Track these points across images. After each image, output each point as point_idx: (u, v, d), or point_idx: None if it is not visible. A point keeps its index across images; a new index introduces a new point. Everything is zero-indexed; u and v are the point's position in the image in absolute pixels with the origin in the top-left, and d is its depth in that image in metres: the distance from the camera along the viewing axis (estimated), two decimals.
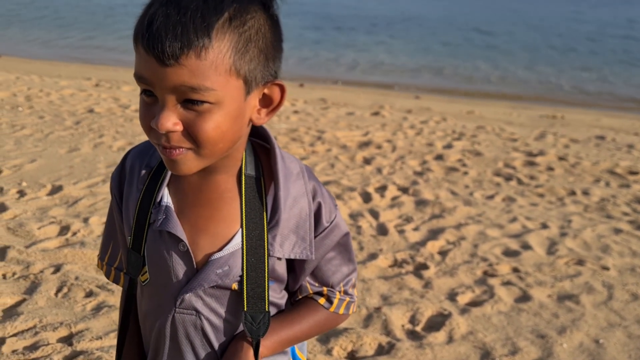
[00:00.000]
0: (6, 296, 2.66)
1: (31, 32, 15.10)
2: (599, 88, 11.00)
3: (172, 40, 0.76)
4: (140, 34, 0.80)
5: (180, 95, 0.80)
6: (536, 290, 3.02)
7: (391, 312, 2.70)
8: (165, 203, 0.94)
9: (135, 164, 1.00)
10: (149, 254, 0.96)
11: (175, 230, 0.92)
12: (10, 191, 3.97)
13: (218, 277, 0.92)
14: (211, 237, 0.94)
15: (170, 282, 0.95)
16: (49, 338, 2.38)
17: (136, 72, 0.83)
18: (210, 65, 0.79)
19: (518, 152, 5.75)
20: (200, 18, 0.77)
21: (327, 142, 5.70)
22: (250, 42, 0.82)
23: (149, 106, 0.84)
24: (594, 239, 3.70)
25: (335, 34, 17.04)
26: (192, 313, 0.95)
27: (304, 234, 0.95)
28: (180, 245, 0.93)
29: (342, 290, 1.05)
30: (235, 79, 0.82)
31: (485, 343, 2.54)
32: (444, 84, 10.92)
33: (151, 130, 0.84)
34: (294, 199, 0.94)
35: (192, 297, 0.94)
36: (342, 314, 1.06)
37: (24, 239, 3.26)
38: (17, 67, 9.62)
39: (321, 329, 1.05)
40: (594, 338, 2.63)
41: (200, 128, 0.81)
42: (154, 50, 0.77)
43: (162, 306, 0.97)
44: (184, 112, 0.81)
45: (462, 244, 3.52)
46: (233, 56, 0.80)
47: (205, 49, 0.78)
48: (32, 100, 6.91)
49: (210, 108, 0.81)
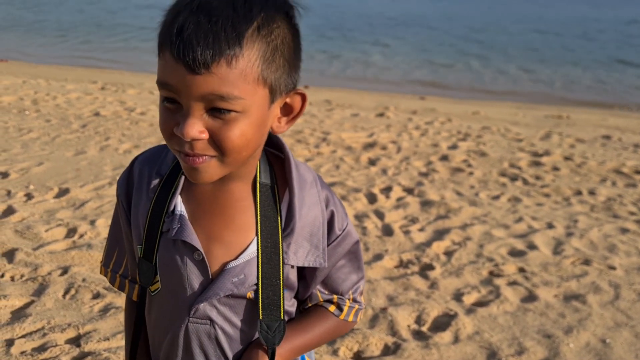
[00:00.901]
0: (14, 298, 2.68)
1: (35, 35, 15.20)
2: (601, 88, 10.96)
3: (203, 48, 0.76)
4: (168, 41, 0.79)
5: (207, 104, 0.80)
6: (542, 290, 3.02)
7: (397, 312, 2.71)
8: (179, 212, 0.93)
9: (144, 170, 0.98)
10: (161, 263, 0.95)
11: (190, 239, 0.91)
12: (18, 194, 3.99)
13: (234, 285, 0.92)
14: (226, 245, 0.93)
15: (184, 292, 0.94)
16: (57, 339, 2.39)
17: (160, 79, 0.81)
18: (240, 74, 0.79)
19: (523, 152, 5.74)
20: (231, 27, 0.77)
21: (332, 144, 5.71)
22: (277, 51, 0.82)
23: (172, 113, 0.83)
24: (600, 239, 3.69)
25: (337, 35, 17.05)
26: (206, 322, 0.94)
27: (317, 242, 0.95)
28: (195, 254, 0.92)
29: (352, 298, 1.05)
30: (262, 88, 0.82)
31: (491, 343, 2.54)
32: (449, 85, 10.90)
33: (173, 137, 0.83)
34: (308, 207, 0.95)
35: (207, 307, 0.93)
36: (350, 321, 1.06)
37: (31, 242, 3.28)
38: (23, 71, 9.69)
39: (331, 337, 1.05)
40: (600, 338, 2.62)
41: (226, 137, 0.81)
42: (185, 57, 0.77)
43: (174, 316, 0.96)
44: (210, 120, 0.81)
45: (467, 244, 3.52)
46: (261, 65, 0.80)
47: (235, 58, 0.78)
48: (39, 103, 6.96)
49: (237, 117, 0.81)
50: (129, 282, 1.05)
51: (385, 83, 10.92)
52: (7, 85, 7.96)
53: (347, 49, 14.57)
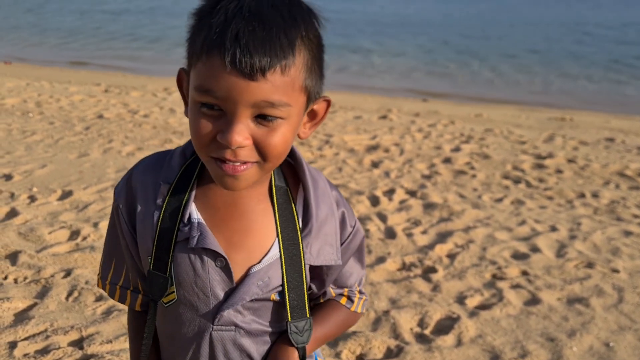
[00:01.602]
0: (17, 300, 2.68)
1: (38, 37, 15.25)
2: (605, 89, 10.95)
3: (262, 55, 0.76)
4: (220, 48, 0.77)
5: (256, 110, 0.80)
6: (545, 293, 3.01)
7: (400, 315, 2.70)
8: (196, 219, 0.92)
9: (147, 179, 0.95)
10: (179, 274, 0.92)
11: (214, 246, 0.90)
12: (21, 196, 4.01)
13: (259, 289, 0.93)
14: (247, 250, 0.93)
15: (206, 300, 0.93)
16: (60, 342, 2.40)
17: (205, 85, 0.79)
18: (290, 82, 0.80)
19: (527, 154, 5.74)
20: (284, 35, 0.78)
21: (334, 146, 5.71)
22: (315, 59, 0.84)
23: (211, 119, 0.81)
24: (603, 242, 3.68)
25: (339, 37, 17.07)
26: (231, 329, 0.94)
27: (332, 241, 0.97)
28: (218, 261, 0.91)
29: (358, 290, 1.09)
30: (303, 95, 0.84)
31: (494, 346, 2.53)
32: (451, 87, 10.90)
33: (211, 144, 0.82)
34: (322, 208, 0.96)
35: (232, 313, 0.93)
36: (360, 312, 1.09)
37: (34, 244, 3.29)
38: (27, 73, 9.72)
39: (344, 328, 1.09)
40: (604, 341, 2.61)
41: (271, 143, 0.82)
42: (242, 64, 0.76)
43: (195, 326, 0.94)
44: (254, 127, 0.81)
45: (470, 247, 3.51)
46: (305, 72, 0.82)
47: (289, 66, 0.79)
48: (42, 106, 6.98)
49: (281, 124, 0.82)
50: (130, 292, 1.02)
51: (388, 85, 10.92)
52: (11, 87, 7.98)
53: (350, 52, 14.58)
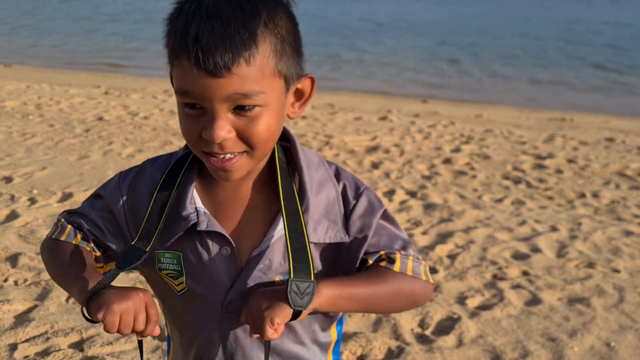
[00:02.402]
0: (18, 302, 2.68)
1: (38, 39, 15.27)
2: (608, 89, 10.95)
3: (222, 52, 0.79)
4: (185, 50, 0.81)
5: (231, 104, 0.83)
6: (546, 293, 3.00)
7: (400, 316, 2.70)
8: (201, 208, 0.95)
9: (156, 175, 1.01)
10: (187, 264, 0.95)
11: (222, 230, 0.94)
12: (21, 199, 4.01)
13: (261, 272, 0.94)
14: (250, 236, 0.96)
15: (214, 289, 0.95)
16: (60, 344, 2.40)
17: (181, 87, 0.83)
18: (259, 70, 0.82)
19: (527, 155, 5.73)
20: (244, 27, 0.80)
21: (334, 147, 5.71)
22: (285, 42, 0.85)
23: (195, 118, 0.85)
24: (604, 242, 3.68)
25: (340, 39, 17.09)
26: (239, 314, 0.94)
27: (335, 218, 0.96)
28: (223, 249, 0.94)
29: (402, 253, 1.00)
30: (278, 79, 0.86)
31: (495, 347, 2.53)
32: (451, 88, 10.91)
33: (199, 141, 0.86)
34: (319, 184, 0.97)
35: (239, 299, 0.94)
36: (411, 275, 0.98)
37: (35, 246, 3.29)
38: (27, 76, 9.72)
39: (395, 293, 0.97)
40: (605, 341, 2.61)
41: (253, 132, 0.85)
42: (206, 64, 0.79)
43: (207, 314, 0.97)
44: (235, 119, 0.84)
45: (471, 247, 3.51)
46: (274, 57, 0.84)
47: (253, 56, 0.81)
48: (43, 108, 6.98)
49: (260, 111, 0.85)
50: (73, 229, 0.99)
51: (387, 86, 10.92)
52: (11, 90, 7.99)
53: (350, 53, 14.59)
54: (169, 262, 0.97)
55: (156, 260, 0.97)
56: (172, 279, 0.98)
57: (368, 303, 0.97)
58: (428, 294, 1.02)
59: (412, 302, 1.01)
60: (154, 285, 1.04)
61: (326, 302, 0.91)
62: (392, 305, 1.01)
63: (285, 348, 0.99)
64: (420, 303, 1.03)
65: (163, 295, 1.03)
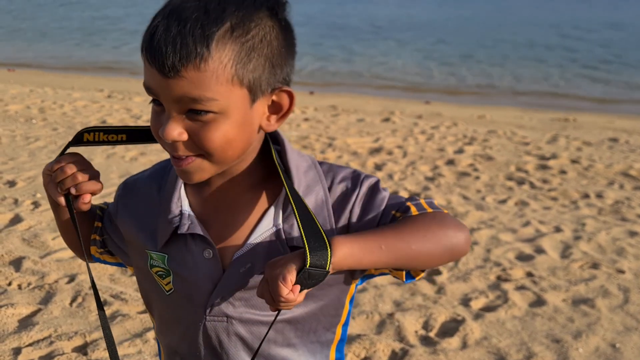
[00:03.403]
0: (22, 306, 2.69)
1: (43, 44, 15.32)
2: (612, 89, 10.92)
3: (171, 53, 0.77)
4: (143, 46, 0.81)
5: (183, 106, 0.81)
6: (551, 294, 2.99)
7: (404, 318, 2.69)
8: (187, 211, 0.95)
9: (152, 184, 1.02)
10: (173, 265, 0.95)
11: (203, 232, 0.93)
12: (25, 202, 4.01)
13: (243, 275, 0.92)
14: (235, 240, 0.94)
15: (198, 291, 0.94)
16: (64, 347, 2.40)
17: (144, 82, 0.84)
18: (211, 76, 0.79)
19: (530, 155, 5.72)
20: (200, 29, 0.78)
21: (337, 149, 5.71)
22: (254, 50, 0.81)
23: (159, 115, 0.85)
24: (608, 242, 3.66)
25: (342, 41, 17.09)
26: (222, 319, 0.94)
27: (323, 222, 0.92)
28: (206, 252, 0.93)
29: (412, 202, 0.94)
30: (239, 88, 0.82)
31: (499, 348, 2.52)
32: (454, 89, 10.90)
33: (160, 138, 0.86)
34: (308, 186, 0.94)
35: (222, 303, 0.93)
36: (431, 211, 0.92)
37: (38, 250, 3.30)
38: (31, 79, 9.76)
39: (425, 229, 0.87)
40: (610, 342, 2.60)
41: (205, 138, 0.82)
42: (156, 62, 0.79)
43: (191, 317, 0.96)
44: (189, 123, 0.82)
45: (474, 249, 3.50)
46: (235, 65, 0.80)
47: (204, 61, 0.78)
48: (46, 112, 7.00)
49: (215, 117, 0.81)
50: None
51: (390, 88, 10.92)
52: (15, 94, 8.02)
53: (352, 54, 14.60)
54: (156, 261, 0.97)
55: (149, 257, 0.98)
56: (161, 278, 0.98)
57: (398, 249, 0.85)
58: (460, 224, 0.91)
59: (448, 237, 0.89)
60: (145, 284, 1.04)
61: (349, 253, 0.82)
62: (427, 246, 0.87)
63: (273, 352, 0.97)
64: (460, 237, 0.89)
65: (153, 295, 1.02)
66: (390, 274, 0.95)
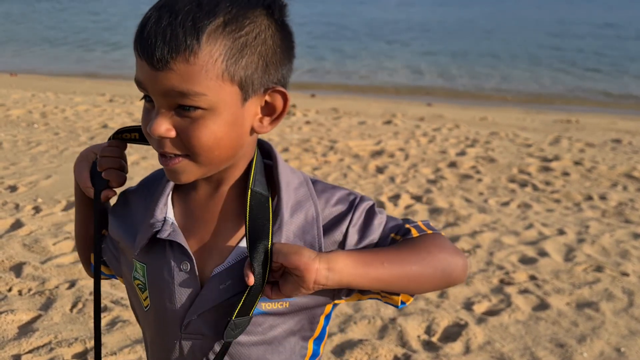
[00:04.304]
0: (22, 312, 2.67)
1: (45, 48, 15.35)
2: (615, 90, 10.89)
3: (161, 44, 0.76)
4: (135, 38, 0.80)
5: (172, 101, 0.79)
6: (554, 298, 2.97)
7: (406, 322, 2.67)
8: (170, 219, 0.91)
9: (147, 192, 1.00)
10: (150, 279, 0.91)
11: (183, 242, 0.88)
12: (26, 207, 4.01)
13: (222, 293, 0.87)
14: (217, 253, 0.89)
15: (173, 306, 0.89)
16: (64, 354, 2.38)
17: (135, 76, 0.82)
18: (200, 70, 0.77)
19: (533, 157, 5.70)
20: (191, 22, 0.76)
21: (339, 152, 5.69)
22: (247, 47, 0.80)
23: (149, 112, 0.83)
24: (612, 245, 3.64)
25: (343, 43, 17.09)
26: (198, 337, 0.89)
27: (311, 240, 0.88)
28: (183, 264, 0.88)
29: (411, 224, 0.93)
30: (229, 85, 0.80)
31: (503, 353, 2.50)
32: (456, 91, 10.88)
33: (149, 136, 0.84)
34: (298, 202, 0.90)
35: (198, 320, 0.88)
36: (432, 232, 0.91)
37: (39, 255, 3.28)
38: (32, 84, 9.77)
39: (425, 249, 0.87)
40: (615, 346, 2.57)
41: (193, 135, 0.80)
42: (146, 54, 0.77)
43: (167, 333, 0.91)
44: (178, 119, 0.80)
45: (477, 252, 3.48)
46: (226, 61, 0.78)
47: (194, 54, 0.76)
48: (48, 116, 7.00)
49: (204, 114, 0.79)
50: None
51: (392, 90, 10.91)
52: (17, 99, 8.03)
53: (354, 57, 14.59)
54: (138, 273, 0.94)
55: (134, 267, 0.94)
56: (141, 292, 0.94)
57: (401, 268, 0.85)
58: (458, 250, 0.91)
59: (447, 262, 0.88)
60: (131, 297, 1.01)
61: (352, 266, 0.82)
62: (428, 269, 0.87)
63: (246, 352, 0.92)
64: (459, 263, 0.89)
65: (136, 308, 0.99)
66: (382, 300, 0.91)
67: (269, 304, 0.88)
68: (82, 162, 1.00)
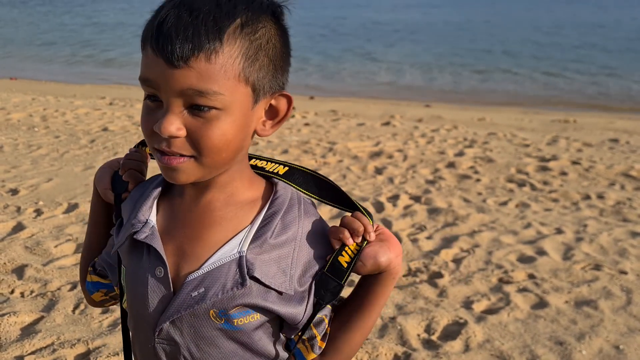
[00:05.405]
0: (24, 314, 2.69)
1: (46, 52, 15.37)
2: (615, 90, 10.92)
3: (182, 41, 0.75)
4: (149, 35, 0.78)
5: (186, 100, 0.78)
6: (553, 296, 2.99)
7: (406, 321, 2.69)
8: (151, 222, 0.90)
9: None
10: (127, 282, 0.91)
11: (159, 248, 0.87)
12: (27, 210, 4.02)
13: (194, 300, 0.85)
14: (194, 259, 0.87)
15: (146, 311, 0.88)
16: (67, 355, 2.40)
17: (142, 75, 0.80)
18: (220, 69, 0.77)
19: (530, 157, 5.72)
20: (213, 21, 0.76)
21: (338, 154, 5.72)
22: (261, 50, 0.81)
23: (153, 111, 0.81)
24: (610, 243, 3.66)
25: (342, 45, 17.12)
26: (171, 344, 0.88)
27: (285, 267, 0.86)
28: (157, 270, 0.87)
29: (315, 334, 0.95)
30: (244, 86, 0.80)
31: (502, 351, 2.52)
32: (455, 92, 10.90)
33: (152, 136, 0.81)
34: (284, 227, 0.88)
35: (170, 327, 0.87)
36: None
37: (41, 257, 3.30)
38: (33, 88, 9.79)
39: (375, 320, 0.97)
40: (613, 344, 2.59)
41: (205, 135, 0.79)
42: (164, 51, 0.76)
43: (144, 336, 0.90)
44: (189, 118, 0.79)
45: (476, 251, 3.50)
46: (243, 62, 0.79)
47: (215, 53, 0.76)
48: (48, 120, 7.02)
49: (217, 114, 0.79)
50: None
51: (390, 92, 10.93)
52: (17, 102, 8.04)
53: (352, 59, 14.62)
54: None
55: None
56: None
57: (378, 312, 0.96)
58: None
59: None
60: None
61: None
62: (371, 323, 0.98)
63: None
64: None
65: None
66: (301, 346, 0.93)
67: (241, 319, 0.87)
68: (105, 169, 1.04)
